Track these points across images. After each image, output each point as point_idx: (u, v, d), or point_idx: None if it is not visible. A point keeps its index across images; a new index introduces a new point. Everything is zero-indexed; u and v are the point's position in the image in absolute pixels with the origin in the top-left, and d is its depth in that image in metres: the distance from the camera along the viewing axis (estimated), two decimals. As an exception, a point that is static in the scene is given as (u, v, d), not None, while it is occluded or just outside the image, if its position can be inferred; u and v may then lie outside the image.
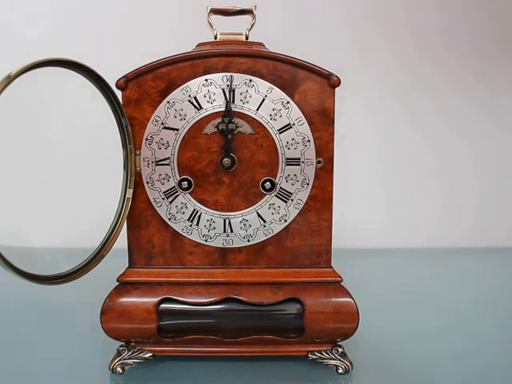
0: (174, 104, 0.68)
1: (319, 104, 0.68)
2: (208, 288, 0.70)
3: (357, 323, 0.70)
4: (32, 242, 1.31)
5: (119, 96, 0.68)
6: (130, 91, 0.68)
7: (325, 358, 0.71)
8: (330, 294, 0.70)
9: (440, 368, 0.73)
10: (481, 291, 1.10)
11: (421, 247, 1.45)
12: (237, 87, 0.68)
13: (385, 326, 0.87)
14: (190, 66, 0.68)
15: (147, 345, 0.71)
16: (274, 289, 0.70)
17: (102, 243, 0.68)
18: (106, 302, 0.70)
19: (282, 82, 0.68)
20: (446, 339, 0.82)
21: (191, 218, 0.70)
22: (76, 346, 0.79)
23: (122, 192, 0.69)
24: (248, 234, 0.70)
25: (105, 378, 0.70)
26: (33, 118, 1.27)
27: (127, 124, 0.68)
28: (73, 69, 0.62)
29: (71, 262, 0.66)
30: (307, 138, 0.69)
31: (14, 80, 0.52)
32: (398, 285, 1.14)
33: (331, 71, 0.68)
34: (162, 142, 0.69)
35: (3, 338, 0.83)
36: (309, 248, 0.71)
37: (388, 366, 0.73)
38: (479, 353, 0.78)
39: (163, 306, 0.70)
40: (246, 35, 0.73)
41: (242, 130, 0.69)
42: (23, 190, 1.30)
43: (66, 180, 1.33)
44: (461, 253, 1.42)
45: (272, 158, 0.69)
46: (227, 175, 0.70)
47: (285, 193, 0.70)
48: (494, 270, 1.27)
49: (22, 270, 0.57)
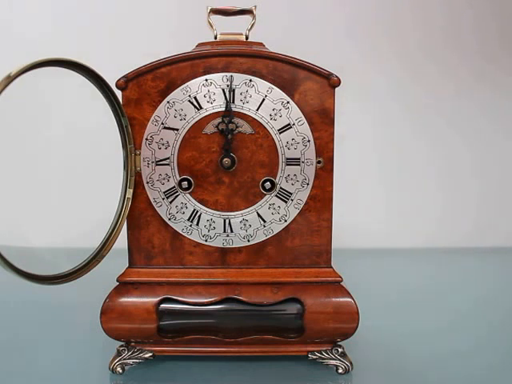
0: (173, 104, 0.68)
1: (319, 104, 0.68)
2: (208, 288, 0.70)
3: (357, 323, 0.70)
4: (32, 242, 1.31)
5: (119, 96, 0.68)
6: (130, 91, 0.68)
7: (325, 358, 0.71)
8: (330, 294, 0.70)
9: (440, 368, 0.73)
10: (481, 291, 1.10)
11: (421, 247, 1.45)
12: (237, 87, 0.68)
13: (385, 325, 0.87)
14: (190, 66, 0.68)
15: (147, 345, 0.71)
16: (274, 289, 0.70)
17: (101, 243, 0.68)
18: (105, 301, 0.70)
19: (282, 82, 0.68)
20: (445, 339, 0.82)
21: (191, 217, 0.70)
22: (76, 346, 0.79)
23: (122, 192, 0.69)
24: (248, 234, 0.70)
25: (105, 378, 0.70)
26: (33, 118, 1.27)
27: (127, 124, 0.68)
28: (73, 69, 0.62)
29: (71, 262, 0.66)
30: (307, 138, 0.69)
31: (14, 80, 0.52)
32: (398, 285, 1.14)
33: (331, 71, 0.68)
34: (162, 142, 0.69)
35: (3, 338, 0.82)
36: (309, 248, 0.71)
37: (388, 366, 0.73)
38: (479, 353, 0.78)
39: (163, 306, 0.70)
40: (246, 35, 0.73)
41: (242, 129, 0.69)
42: (23, 190, 1.30)
43: (66, 180, 1.33)
44: (461, 253, 1.42)
45: (272, 158, 0.69)
46: (227, 175, 0.70)
47: (285, 193, 0.70)
48: (494, 270, 1.27)
49: (22, 270, 0.57)
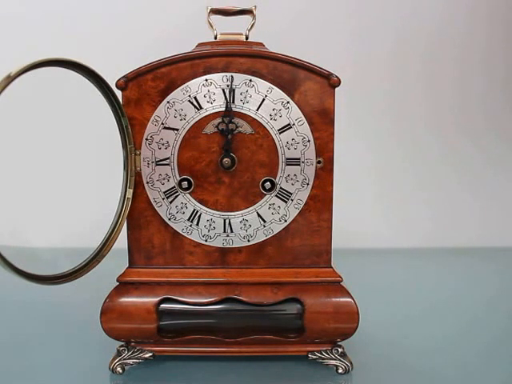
0: (173, 104, 0.68)
1: (319, 104, 0.68)
2: (208, 288, 0.70)
3: (357, 323, 0.70)
4: (32, 242, 1.31)
5: (119, 96, 0.68)
6: (130, 91, 0.68)
7: (325, 358, 0.71)
8: (330, 294, 0.70)
9: (440, 368, 0.73)
10: (481, 291, 1.10)
11: (420, 247, 1.45)
12: (237, 87, 0.68)
13: (385, 326, 0.87)
14: (190, 66, 0.68)
15: (147, 345, 0.71)
16: (274, 289, 0.70)
17: (101, 243, 0.68)
18: (106, 301, 0.70)
19: (281, 82, 0.68)
20: (446, 339, 0.82)
21: (191, 217, 0.70)
22: (76, 346, 0.79)
23: (122, 192, 0.69)
24: (248, 234, 0.70)
25: (105, 378, 0.70)
26: (33, 118, 1.27)
27: (127, 124, 0.68)
28: (73, 69, 0.62)
29: (71, 262, 0.66)
30: (307, 137, 0.69)
31: (14, 80, 0.52)
32: (398, 285, 1.14)
33: (331, 71, 0.68)
34: (162, 142, 0.69)
35: (3, 338, 0.82)
36: (309, 248, 0.71)
37: (388, 366, 0.73)
38: (479, 353, 0.78)
39: (163, 306, 0.70)
40: (246, 35, 0.73)
41: (242, 129, 0.69)
42: (23, 190, 1.30)
43: (65, 180, 1.33)
44: (461, 253, 1.42)
45: (272, 158, 0.69)
46: (227, 175, 0.70)
47: (285, 193, 0.70)
48: (494, 270, 1.27)
49: (22, 270, 0.57)
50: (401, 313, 0.95)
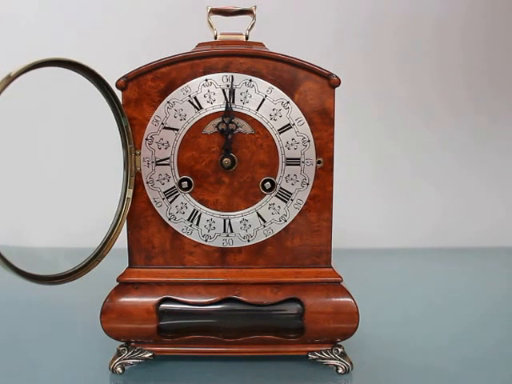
0: (174, 104, 0.68)
1: (319, 104, 0.68)
2: (208, 288, 0.70)
3: (357, 323, 0.70)
4: (32, 242, 1.31)
5: (119, 96, 0.68)
6: (130, 91, 0.68)
7: (325, 358, 0.71)
8: (329, 294, 0.70)
9: (440, 367, 0.73)
10: (481, 291, 1.10)
11: (421, 247, 1.45)
12: (237, 87, 0.68)
13: (385, 325, 0.87)
14: (190, 66, 0.68)
15: (147, 345, 0.71)
16: (273, 289, 0.70)
17: (101, 243, 0.68)
18: (105, 301, 0.70)
19: (282, 82, 0.68)
20: (446, 339, 0.82)
21: (191, 217, 0.70)
22: (76, 346, 0.79)
23: (122, 192, 0.69)
24: (248, 234, 0.70)
25: (105, 378, 0.70)
26: (33, 118, 1.27)
27: (127, 124, 0.68)
28: (73, 69, 0.62)
29: (71, 262, 0.66)
30: (307, 137, 0.69)
31: (14, 80, 0.52)
32: (398, 285, 1.14)
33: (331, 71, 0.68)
34: (162, 142, 0.69)
35: (3, 338, 0.82)
36: (309, 248, 0.71)
37: (388, 366, 0.73)
38: (479, 353, 0.78)
39: (163, 306, 0.70)
40: (246, 35, 0.73)
41: (242, 130, 0.69)
42: (23, 189, 1.30)
43: (65, 180, 1.33)
44: (461, 253, 1.42)
45: (272, 158, 0.69)
46: (227, 175, 0.70)
47: (285, 193, 0.70)
48: (495, 270, 1.27)
49: (22, 270, 0.57)
50: (401, 313, 0.95)
